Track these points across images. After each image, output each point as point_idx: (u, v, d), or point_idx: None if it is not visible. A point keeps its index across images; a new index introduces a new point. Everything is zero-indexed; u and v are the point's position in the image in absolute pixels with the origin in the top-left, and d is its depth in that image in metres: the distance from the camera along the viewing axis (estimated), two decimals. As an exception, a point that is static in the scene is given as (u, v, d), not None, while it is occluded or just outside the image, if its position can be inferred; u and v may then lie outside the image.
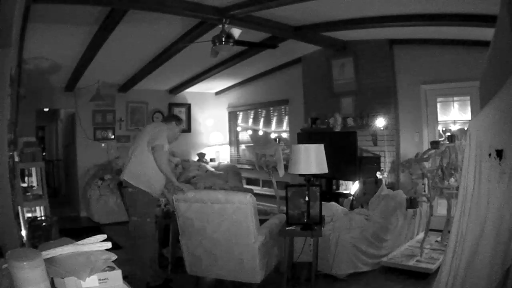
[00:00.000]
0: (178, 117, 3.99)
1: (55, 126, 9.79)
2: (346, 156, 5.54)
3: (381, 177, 5.36)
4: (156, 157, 3.45)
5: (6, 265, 1.13)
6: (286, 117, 7.51)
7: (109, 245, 1.31)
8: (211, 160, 8.45)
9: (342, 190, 6.01)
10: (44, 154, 7.15)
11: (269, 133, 7.76)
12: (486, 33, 3.37)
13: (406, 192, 4.65)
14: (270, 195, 7.01)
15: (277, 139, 5.64)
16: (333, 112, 6.05)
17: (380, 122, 5.57)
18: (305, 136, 6.24)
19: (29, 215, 3.79)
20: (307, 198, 3.29)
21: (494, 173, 2.10)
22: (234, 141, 8.84)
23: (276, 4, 4.07)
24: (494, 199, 2.10)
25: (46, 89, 6.83)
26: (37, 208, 3.99)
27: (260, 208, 3.71)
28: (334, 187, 6.07)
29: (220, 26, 4.31)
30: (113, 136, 7.60)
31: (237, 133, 8.80)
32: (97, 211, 6.56)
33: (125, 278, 1.30)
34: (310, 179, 3.34)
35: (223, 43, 4.20)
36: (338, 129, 5.89)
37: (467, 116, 5.08)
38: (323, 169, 3.32)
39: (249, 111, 8.37)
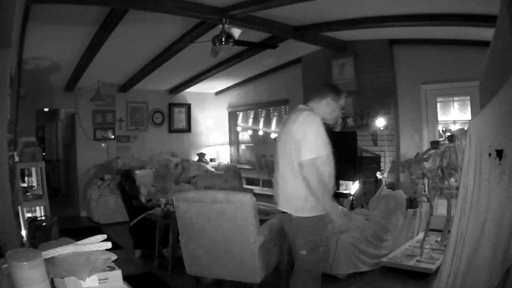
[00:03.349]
0: (333, 87, 2.77)
1: (55, 126, 9.79)
2: (346, 156, 5.54)
3: (381, 177, 5.36)
4: (306, 176, 2.41)
5: (6, 265, 1.13)
6: (286, 117, 7.50)
7: (109, 245, 1.31)
8: (211, 160, 8.46)
9: (342, 190, 6.00)
10: (44, 154, 7.15)
11: (269, 133, 7.76)
12: (486, 33, 3.37)
13: (406, 192, 4.65)
14: (270, 195, 7.00)
15: (277, 139, 5.62)
16: (333, 112, 6.04)
17: (380, 122, 5.57)
18: (305, 136, 6.23)
19: (29, 215, 3.78)
20: (307, 198, 3.28)
21: (494, 173, 2.10)
22: (234, 141, 8.84)
23: (276, 4, 4.07)
24: (494, 199, 2.10)
25: (46, 89, 6.83)
26: (37, 208, 3.98)
27: (260, 208, 3.71)
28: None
29: (220, 26, 4.31)
30: (113, 136, 7.60)
31: (237, 133, 8.79)
32: (97, 211, 6.56)
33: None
34: (310, 179, 3.33)
35: (223, 43, 4.20)
36: (338, 129, 5.89)
37: (467, 116, 5.08)
38: (323, 169, 3.30)
39: (249, 111, 8.37)
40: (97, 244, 1.28)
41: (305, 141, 2.41)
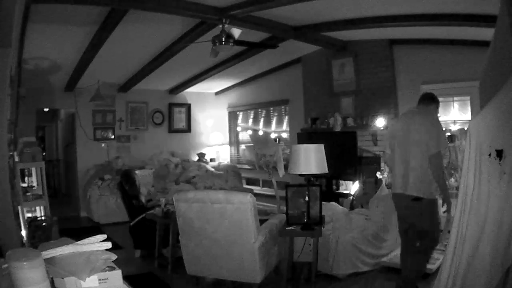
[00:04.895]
0: (436, 97, 3.37)
1: (55, 126, 9.79)
2: (346, 156, 5.54)
3: (381, 177, 5.35)
4: (433, 165, 3.04)
5: (6, 265, 1.13)
6: (286, 117, 7.51)
7: (109, 245, 1.31)
8: (211, 160, 8.46)
9: (342, 190, 6.01)
10: (44, 154, 7.15)
11: (269, 133, 7.76)
12: (486, 33, 3.38)
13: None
14: (270, 195, 7.01)
15: (277, 139, 5.64)
16: (333, 112, 6.05)
17: (380, 122, 5.57)
18: (305, 136, 6.24)
19: (29, 215, 3.78)
20: (307, 198, 3.28)
21: (494, 173, 2.10)
22: (234, 141, 8.84)
23: (276, 4, 4.07)
24: (494, 199, 2.10)
25: (46, 89, 6.83)
26: (37, 208, 3.98)
27: (260, 208, 3.71)
28: (334, 187, 6.06)
29: (220, 26, 4.31)
30: (113, 136, 7.60)
31: (237, 133, 8.80)
32: (97, 211, 6.56)
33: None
34: (310, 179, 3.34)
35: (223, 43, 4.20)
36: (338, 129, 5.89)
37: (467, 116, 5.08)
38: (323, 169, 3.31)
39: (249, 111, 8.37)
40: (97, 244, 1.28)
41: (434, 138, 3.03)
